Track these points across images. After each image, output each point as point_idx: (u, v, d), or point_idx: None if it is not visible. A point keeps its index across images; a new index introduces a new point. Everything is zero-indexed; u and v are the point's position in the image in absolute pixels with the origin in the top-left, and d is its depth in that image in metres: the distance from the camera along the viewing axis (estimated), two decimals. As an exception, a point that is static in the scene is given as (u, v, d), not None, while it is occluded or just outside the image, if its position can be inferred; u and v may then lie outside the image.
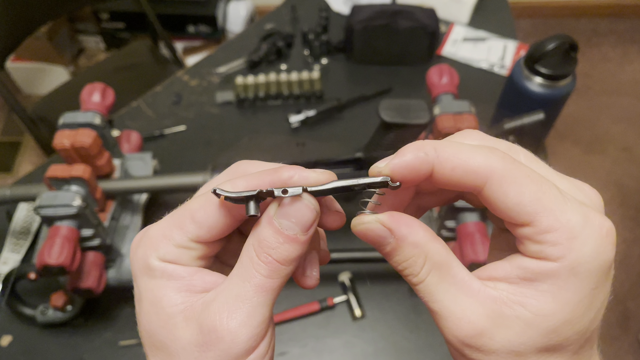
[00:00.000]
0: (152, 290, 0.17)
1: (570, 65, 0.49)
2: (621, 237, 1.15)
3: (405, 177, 0.15)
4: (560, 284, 0.14)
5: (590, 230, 0.14)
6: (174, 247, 0.16)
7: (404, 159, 0.15)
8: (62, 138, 0.45)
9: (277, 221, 0.16)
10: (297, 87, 0.68)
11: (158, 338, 0.16)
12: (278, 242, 0.15)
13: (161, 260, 0.17)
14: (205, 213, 0.16)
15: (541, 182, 0.14)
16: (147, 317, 0.17)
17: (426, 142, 0.15)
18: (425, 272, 0.16)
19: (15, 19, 0.82)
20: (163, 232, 0.17)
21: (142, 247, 0.17)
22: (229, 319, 0.15)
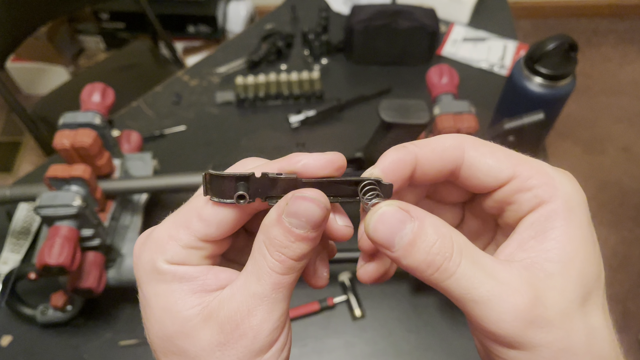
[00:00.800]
0: (163, 295, 0.16)
1: (570, 66, 0.49)
2: (621, 237, 1.15)
3: (395, 172, 0.16)
4: (565, 223, 0.15)
5: (561, 174, 0.16)
6: (181, 248, 0.16)
7: (390, 156, 0.16)
8: (62, 138, 0.45)
9: (287, 220, 0.15)
10: (297, 87, 0.68)
11: (175, 343, 0.16)
12: (289, 241, 0.15)
13: (169, 263, 0.16)
14: (212, 210, 0.16)
15: (504, 147, 0.16)
16: (160, 323, 0.16)
17: (405, 143, 0.17)
18: (457, 257, 0.14)
19: (16, 19, 0.82)
20: (169, 233, 0.16)
21: (148, 250, 0.16)
22: (250, 317, 0.15)
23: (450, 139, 0.16)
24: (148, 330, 0.17)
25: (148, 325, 0.17)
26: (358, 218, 0.18)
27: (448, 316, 0.51)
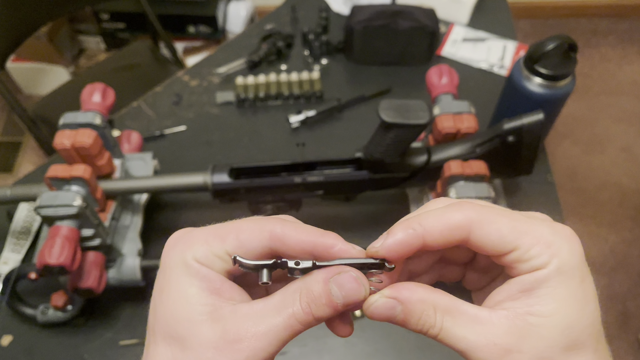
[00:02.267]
0: (184, 284, 0.17)
1: (570, 66, 0.49)
2: (620, 237, 1.15)
3: (400, 254, 0.18)
4: (554, 284, 0.17)
5: (559, 237, 0.18)
6: (211, 254, 0.18)
7: (397, 237, 0.18)
8: (62, 138, 0.45)
9: (331, 285, 0.17)
10: (297, 88, 0.68)
11: (177, 329, 0.17)
12: (321, 302, 0.17)
13: (197, 262, 0.18)
14: (250, 236, 0.18)
15: (509, 214, 0.18)
16: (172, 307, 0.17)
17: (411, 219, 0.18)
18: (439, 320, 0.18)
19: (16, 19, 0.82)
20: (205, 237, 0.18)
21: (182, 244, 0.19)
22: (254, 338, 0.17)
23: (458, 213, 0.18)
24: (157, 310, 0.18)
25: (160, 305, 0.18)
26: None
27: (448, 316, 0.51)
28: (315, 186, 0.46)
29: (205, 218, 0.59)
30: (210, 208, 0.59)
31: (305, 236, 0.18)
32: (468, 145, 0.45)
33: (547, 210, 0.69)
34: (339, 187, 0.47)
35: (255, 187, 0.46)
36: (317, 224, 0.52)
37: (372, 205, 0.58)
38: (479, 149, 0.44)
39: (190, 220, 0.58)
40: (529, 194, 0.59)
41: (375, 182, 0.46)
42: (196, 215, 0.59)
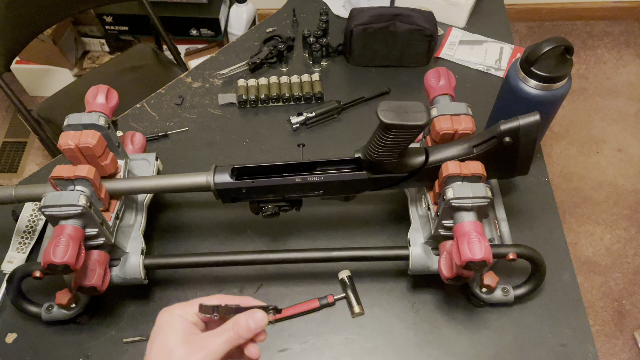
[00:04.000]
0: (172, 324, 0.31)
1: (566, 68, 0.50)
2: (616, 236, 1.16)
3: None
4: None
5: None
6: (185, 312, 0.32)
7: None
8: (67, 139, 0.46)
9: (249, 319, 0.31)
10: (297, 89, 0.69)
11: (165, 350, 0.30)
12: (244, 328, 0.31)
13: (178, 314, 0.32)
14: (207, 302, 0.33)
15: None
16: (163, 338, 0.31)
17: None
18: None
19: (21, 21, 0.83)
20: (183, 305, 0.33)
21: (170, 309, 0.32)
22: (209, 348, 0.30)
23: None
24: (153, 343, 0.31)
25: (155, 339, 0.31)
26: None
27: (446, 313, 0.52)
28: (315, 186, 0.47)
29: (208, 217, 0.60)
30: (213, 207, 0.59)
31: (236, 297, 0.33)
32: (465, 146, 0.46)
33: (544, 209, 0.70)
34: (338, 187, 0.47)
35: (257, 187, 0.47)
36: (317, 223, 0.53)
37: (371, 205, 0.59)
38: (476, 150, 0.45)
39: (192, 219, 0.59)
40: (525, 194, 0.60)
41: (374, 182, 0.47)
42: (198, 214, 0.59)
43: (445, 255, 0.46)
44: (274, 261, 0.49)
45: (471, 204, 0.42)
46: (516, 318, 0.51)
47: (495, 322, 0.51)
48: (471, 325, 0.51)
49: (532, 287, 0.50)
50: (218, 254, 0.50)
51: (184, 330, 0.31)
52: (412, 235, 0.50)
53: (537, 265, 0.49)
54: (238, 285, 0.54)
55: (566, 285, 0.53)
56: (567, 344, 0.50)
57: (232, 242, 0.57)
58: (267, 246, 0.56)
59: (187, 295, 0.54)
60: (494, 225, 0.52)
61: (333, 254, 0.49)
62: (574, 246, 1.14)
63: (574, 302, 0.52)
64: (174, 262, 0.50)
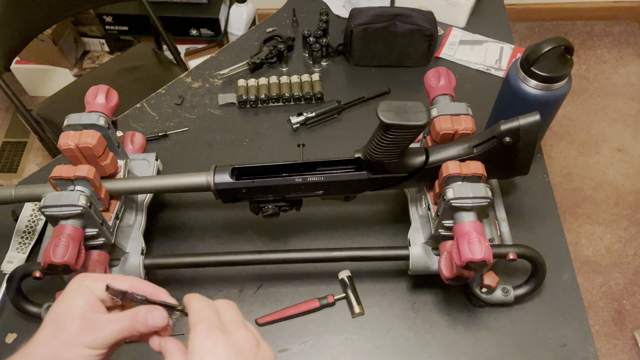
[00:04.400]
0: (75, 295, 0.30)
1: (566, 68, 0.50)
2: (616, 235, 1.16)
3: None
4: None
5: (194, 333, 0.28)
6: (94, 286, 0.30)
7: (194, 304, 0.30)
8: (67, 139, 0.46)
9: (149, 315, 0.30)
10: (297, 89, 0.69)
11: (60, 319, 0.29)
12: (140, 322, 0.30)
13: (86, 286, 0.30)
14: (118, 281, 0.31)
15: None
16: (62, 307, 0.29)
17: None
18: None
19: (21, 21, 0.83)
20: (94, 277, 0.31)
21: (80, 278, 0.31)
22: (101, 330, 0.29)
23: None
24: (52, 309, 0.30)
25: (55, 306, 0.30)
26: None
27: (446, 313, 0.52)
28: (315, 186, 0.47)
29: (208, 217, 0.60)
30: (212, 207, 0.59)
31: (150, 287, 0.31)
32: (465, 146, 0.46)
33: (544, 209, 0.70)
34: (338, 187, 0.47)
35: (257, 187, 0.47)
36: (317, 223, 0.53)
37: (371, 205, 0.59)
38: (476, 150, 0.45)
39: (192, 219, 0.59)
40: (525, 194, 0.60)
41: (374, 182, 0.47)
42: (198, 214, 0.59)
43: (446, 255, 0.46)
44: (274, 261, 0.49)
45: (471, 204, 0.42)
46: (516, 318, 0.51)
47: (495, 322, 0.51)
48: (471, 326, 0.51)
49: (532, 287, 0.50)
50: (218, 254, 0.50)
51: (85, 304, 0.29)
52: (412, 235, 0.50)
53: (537, 266, 0.49)
54: (238, 285, 0.54)
55: (566, 285, 0.53)
56: (567, 344, 0.50)
57: (232, 242, 0.57)
58: (267, 246, 0.56)
59: (187, 295, 0.54)
60: (494, 225, 0.52)
61: (333, 254, 0.49)
62: (574, 246, 1.14)
63: (574, 302, 0.52)
64: (174, 262, 0.50)
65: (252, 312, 0.52)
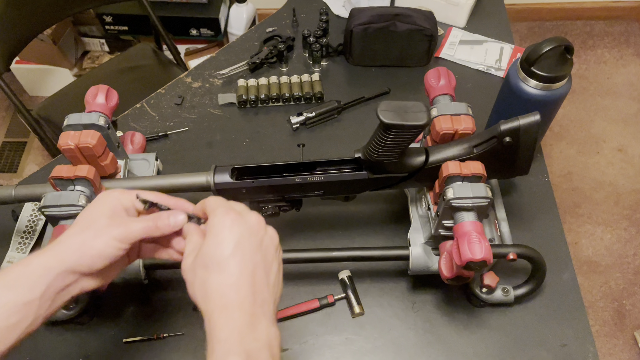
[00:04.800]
0: (106, 199, 0.34)
1: (566, 68, 0.50)
2: (616, 235, 1.16)
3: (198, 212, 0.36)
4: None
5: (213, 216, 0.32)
6: (124, 196, 0.35)
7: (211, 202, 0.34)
8: (67, 139, 0.46)
9: (170, 216, 0.34)
10: (297, 89, 0.69)
11: (89, 218, 0.33)
12: (163, 222, 0.34)
13: (116, 195, 0.34)
14: (145, 194, 0.36)
15: None
16: (92, 209, 0.33)
17: None
18: None
19: (20, 21, 0.83)
20: (122, 190, 0.35)
21: (110, 191, 0.35)
22: (128, 226, 0.33)
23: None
24: (84, 211, 0.34)
25: (87, 209, 0.34)
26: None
27: (446, 313, 0.52)
28: (315, 186, 0.47)
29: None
30: (212, 208, 0.59)
31: (172, 200, 0.36)
32: (465, 146, 0.46)
33: (544, 209, 0.70)
34: (338, 187, 0.47)
35: (257, 187, 0.47)
36: (317, 223, 0.53)
37: (371, 205, 0.59)
38: (476, 150, 0.45)
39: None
40: (525, 194, 0.60)
41: (374, 182, 0.47)
42: (198, 214, 0.59)
43: (446, 255, 0.46)
44: (274, 261, 0.49)
45: (471, 204, 0.42)
46: (516, 318, 0.51)
47: (495, 323, 0.51)
48: (471, 326, 0.51)
49: (533, 287, 0.50)
50: (218, 254, 0.50)
51: (113, 208, 0.33)
52: (412, 235, 0.50)
53: (538, 266, 0.49)
54: (238, 285, 0.54)
55: (566, 285, 0.53)
56: (567, 344, 0.50)
57: (232, 242, 0.57)
58: (267, 246, 0.56)
59: (187, 296, 0.53)
60: (494, 225, 0.52)
61: (333, 254, 0.49)
62: (574, 246, 1.14)
63: (574, 302, 0.52)
64: (174, 262, 0.50)
65: (252, 312, 0.52)
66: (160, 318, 0.52)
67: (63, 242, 0.31)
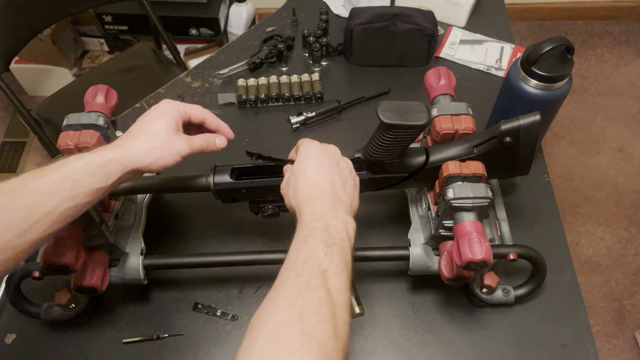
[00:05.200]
0: (166, 108, 0.41)
1: (567, 67, 0.50)
2: (616, 235, 1.16)
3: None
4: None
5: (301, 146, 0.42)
6: (184, 112, 0.43)
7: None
8: (66, 139, 0.46)
9: (216, 137, 0.44)
10: (297, 89, 0.69)
11: (151, 129, 0.40)
12: (211, 141, 0.44)
13: (175, 109, 0.42)
14: (197, 112, 0.44)
15: None
16: (151, 117, 0.40)
17: None
18: None
19: (20, 21, 0.83)
20: (185, 106, 0.43)
21: (176, 103, 0.42)
22: (187, 139, 0.41)
23: None
24: (142, 119, 0.41)
25: (145, 116, 0.41)
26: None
27: (446, 314, 0.52)
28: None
29: (208, 217, 0.60)
30: (213, 207, 0.59)
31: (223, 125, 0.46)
32: (466, 146, 0.46)
33: (544, 209, 0.69)
34: (338, 187, 0.47)
35: (257, 187, 0.47)
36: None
37: (371, 205, 0.59)
38: (477, 150, 0.45)
39: (192, 219, 0.59)
40: (526, 194, 0.60)
41: (374, 182, 0.47)
42: (198, 214, 0.59)
43: (446, 255, 0.46)
44: (274, 261, 0.49)
45: (472, 204, 0.42)
46: (517, 318, 0.51)
47: (495, 323, 0.51)
48: (471, 326, 0.51)
49: (533, 287, 0.50)
50: (218, 254, 0.50)
51: (176, 121, 0.41)
52: (413, 235, 0.49)
53: (538, 266, 0.49)
54: (238, 285, 0.54)
55: (567, 286, 0.53)
56: (567, 345, 0.50)
57: (232, 242, 0.57)
58: (267, 246, 0.56)
59: (187, 296, 0.54)
60: (495, 225, 0.52)
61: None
62: (575, 246, 1.13)
63: (574, 302, 0.52)
64: (174, 262, 0.50)
65: (252, 312, 0.51)
66: (160, 318, 0.52)
67: (136, 146, 0.38)
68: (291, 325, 0.27)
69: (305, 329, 0.27)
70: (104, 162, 0.36)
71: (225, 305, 0.52)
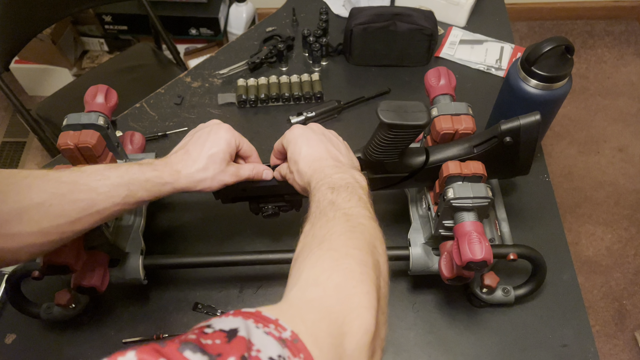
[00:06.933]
0: (222, 137, 0.44)
1: (567, 67, 0.50)
2: (616, 235, 1.16)
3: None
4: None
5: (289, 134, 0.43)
6: (238, 139, 0.46)
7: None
8: (66, 139, 0.46)
9: (264, 170, 0.47)
10: (297, 89, 0.69)
11: (208, 154, 0.43)
12: (257, 172, 0.46)
13: (232, 136, 0.45)
14: (247, 147, 0.47)
15: None
16: (212, 143, 0.43)
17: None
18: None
19: (20, 21, 0.83)
20: (240, 137, 0.46)
21: (231, 129, 0.45)
22: (238, 168, 0.45)
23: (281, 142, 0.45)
24: (197, 139, 0.44)
25: (200, 138, 0.44)
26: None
27: (446, 314, 0.52)
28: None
29: (208, 217, 0.60)
30: (212, 208, 0.59)
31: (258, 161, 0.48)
32: (466, 146, 0.46)
33: (544, 209, 0.70)
34: (338, 187, 0.47)
35: (257, 187, 0.47)
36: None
37: (371, 205, 0.59)
38: (477, 150, 0.45)
39: (192, 219, 0.59)
40: (526, 193, 0.60)
41: (374, 182, 0.47)
42: (198, 214, 0.59)
43: (446, 255, 0.46)
44: (274, 261, 0.49)
45: (472, 204, 0.42)
46: (517, 318, 0.51)
47: (495, 323, 0.51)
48: (471, 326, 0.51)
49: (533, 287, 0.50)
50: (218, 254, 0.50)
51: (230, 150, 0.43)
52: (413, 235, 0.49)
53: (538, 266, 0.49)
54: (238, 285, 0.54)
55: (567, 286, 0.53)
56: (568, 345, 0.50)
57: (232, 242, 0.57)
58: (267, 246, 0.56)
59: (187, 296, 0.54)
60: (495, 225, 0.52)
61: (333, 254, 0.49)
62: (575, 246, 1.13)
63: (574, 302, 0.52)
64: (174, 262, 0.50)
65: (252, 312, 0.52)
66: (160, 318, 0.52)
67: (191, 174, 0.41)
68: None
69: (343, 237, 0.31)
70: (160, 183, 0.40)
71: (225, 305, 0.52)
